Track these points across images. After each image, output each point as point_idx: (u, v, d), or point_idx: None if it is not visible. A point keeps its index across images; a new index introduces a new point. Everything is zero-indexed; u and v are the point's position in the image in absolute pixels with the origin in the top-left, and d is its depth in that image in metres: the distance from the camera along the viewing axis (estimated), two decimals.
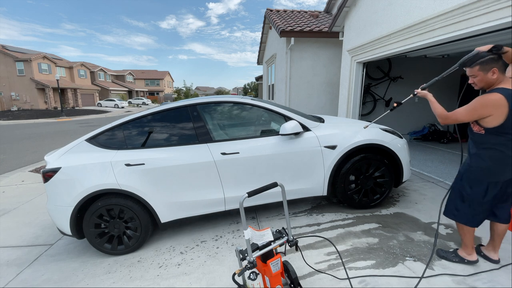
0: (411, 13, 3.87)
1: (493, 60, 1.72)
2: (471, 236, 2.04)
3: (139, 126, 2.64)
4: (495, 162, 1.81)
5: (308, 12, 9.09)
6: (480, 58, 1.74)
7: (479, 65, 1.75)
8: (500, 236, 2.06)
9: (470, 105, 1.79)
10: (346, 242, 2.50)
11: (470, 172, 1.93)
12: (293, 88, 7.76)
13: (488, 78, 1.75)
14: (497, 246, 2.10)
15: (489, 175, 1.85)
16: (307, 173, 2.82)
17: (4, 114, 23.26)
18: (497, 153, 1.79)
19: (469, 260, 2.09)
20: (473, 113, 1.78)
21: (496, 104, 1.68)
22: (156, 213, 2.52)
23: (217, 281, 2.09)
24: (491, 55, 1.71)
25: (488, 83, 1.78)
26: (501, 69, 1.73)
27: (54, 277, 2.27)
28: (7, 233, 3.05)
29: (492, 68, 1.72)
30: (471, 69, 1.80)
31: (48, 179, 2.41)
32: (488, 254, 2.13)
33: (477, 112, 1.76)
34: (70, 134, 11.48)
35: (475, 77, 1.80)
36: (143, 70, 54.10)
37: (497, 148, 1.78)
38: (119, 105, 31.82)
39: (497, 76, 1.73)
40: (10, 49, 29.23)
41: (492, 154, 1.81)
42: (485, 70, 1.74)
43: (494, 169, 1.82)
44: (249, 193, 1.52)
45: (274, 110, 2.87)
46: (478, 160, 1.88)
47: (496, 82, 1.75)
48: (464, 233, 2.05)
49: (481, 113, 1.75)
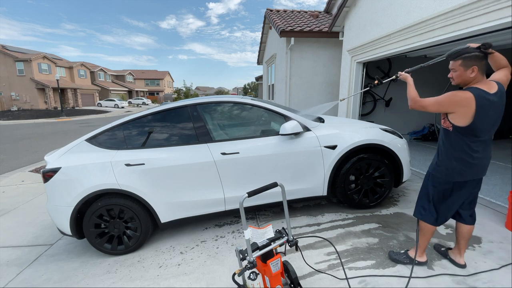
0: (411, 13, 3.87)
1: (476, 57, 1.68)
2: (429, 238, 2.02)
3: (139, 126, 2.64)
4: (459, 163, 1.79)
5: (308, 12, 9.09)
6: (465, 53, 1.71)
7: (461, 59, 1.72)
8: (465, 239, 2.03)
9: (439, 97, 1.76)
10: (346, 242, 2.50)
11: (436, 171, 1.92)
12: (293, 88, 7.75)
13: (466, 75, 1.72)
14: (462, 249, 2.07)
15: (453, 176, 1.83)
16: (307, 173, 2.82)
17: (4, 114, 23.25)
18: (462, 153, 1.78)
19: (419, 261, 2.08)
20: (440, 105, 1.76)
21: (462, 102, 1.66)
22: (156, 213, 2.52)
23: (217, 281, 2.09)
24: (477, 52, 1.68)
25: (465, 80, 1.75)
26: (481, 69, 1.69)
27: (54, 277, 2.27)
28: (7, 233, 3.05)
29: (472, 66, 1.68)
30: (453, 62, 1.77)
31: (48, 179, 2.41)
32: (454, 258, 2.11)
33: (443, 105, 1.75)
34: (70, 134, 11.48)
35: (455, 72, 1.77)
36: (143, 70, 54.10)
37: (462, 148, 1.77)
38: (119, 105, 31.82)
39: (475, 75, 1.69)
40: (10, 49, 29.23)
41: (457, 154, 1.79)
42: (466, 66, 1.70)
43: (458, 170, 1.81)
44: (249, 193, 1.52)
45: (274, 110, 2.86)
46: (444, 160, 1.87)
47: (473, 81, 1.72)
48: (424, 233, 2.01)
49: (447, 107, 1.74)
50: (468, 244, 2.08)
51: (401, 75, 2.13)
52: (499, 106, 1.69)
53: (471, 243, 2.40)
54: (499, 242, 2.39)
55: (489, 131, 1.73)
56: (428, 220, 1.98)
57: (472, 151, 1.75)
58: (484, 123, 1.68)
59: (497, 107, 1.68)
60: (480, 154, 1.76)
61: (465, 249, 2.08)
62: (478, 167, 1.80)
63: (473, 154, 1.75)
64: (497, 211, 2.96)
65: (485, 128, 1.70)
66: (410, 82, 2.00)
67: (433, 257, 2.22)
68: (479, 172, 1.84)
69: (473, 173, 1.82)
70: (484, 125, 1.69)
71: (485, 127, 1.70)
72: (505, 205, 3.06)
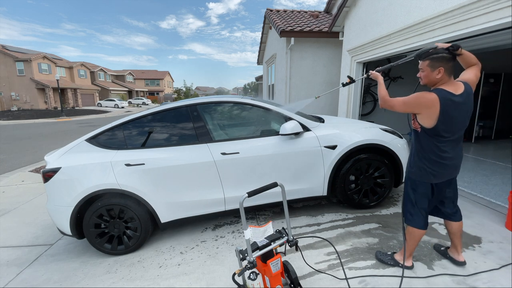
0: (411, 13, 3.87)
1: (443, 58, 1.68)
2: (415, 242, 1.99)
3: (139, 126, 2.64)
4: (430, 163, 1.80)
5: (308, 12, 9.09)
6: (433, 54, 1.72)
7: (429, 60, 1.73)
8: (457, 235, 2.04)
9: (407, 97, 1.77)
10: (346, 242, 2.50)
11: (411, 174, 1.93)
12: (293, 88, 7.75)
13: (433, 76, 1.73)
14: (458, 246, 2.07)
15: (427, 177, 1.84)
16: (307, 173, 2.82)
17: (4, 114, 23.25)
18: (431, 154, 1.79)
19: (405, 265, 2.06)
20: (406, 106, 1.77)
21: (427, 104, 1.67)
22: (156, 213, 2.52)
23: (217, 281, 2.09)
24: (445, 53, 1.69)
25: (432, 81, 1.76)
26: (448, 71, 1.70)
27: (54, 277, 2.27)
28: (7, 233, 3.05)
29: (439, 67, 1.69)
30: (422, 62, 1.79)
31: (48, 179, 2.41)
32: (453, 256, 2.11)
33: (410, 106, 1.76)
34: (70, 134, 11.48)
35: (423, 72, 1.78)
36: (143, 70, 54.10)
37: (431, 149, 1.78)
38: (119, 105, 31.82)
39: (441, 76, 1.70)
40: (10, 49, 29.23)
41: (427, 155, 1.81)
42: (433, 67, 1.72)
43: (430, 171, 1.81)
44: (249, 193, 1.52)
45: (274, 110, 2.86)
46: (416, 161, 1.87)
47: (439, 82, 1.73)
48: (412, 237, 1.97)
49: (413, 108, 1.75)
50: (462, 240, 2.08)
51: (372, 73, 2.13)
52: (465, 107, 1.70)
53: (471, 243, 2.40)
54: (499, 242, 2.39)
55: (456, 131, 1.74)
56: (417, 225, 1.95)
57: (441, 151, 1.76)
58: (449, 124, 1.69)
59: (462, 108, 1.68)
60: (450, 154, 1.77)
61: (460, 246, 2.08)
62: (450, 167, 1.81)
63: (442, 154, 1.76)
64: (497, 211, 2.96)
65: (451, 129, 1.72)
66: (380, 81, 2.02)
67: (433, 257, 2.22)
68: (452, 172, 1.85)
69: (446, 174, 1.83)
70: (449, 126, 1.70)
71: (451, 128, 1.71)
72: (505, 205, 3.06)
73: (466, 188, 3.65)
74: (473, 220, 2.79)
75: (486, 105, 6.67)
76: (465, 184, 3.81)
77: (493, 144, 6.46)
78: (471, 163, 4.89)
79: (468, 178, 4.04)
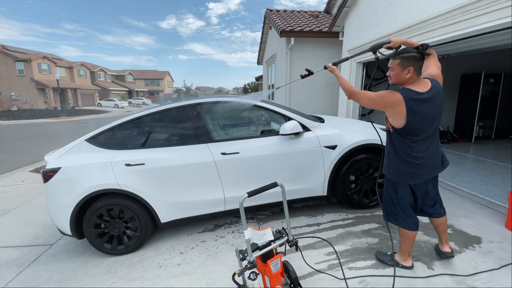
0: (411, 13, 3.87)
1: (414, 58, 1.69)
2: (410, 243, 1.99)
3: (139, 126, 2.64)
4: (404, 164, 1.79)
5: (308, 12, 9.09)
6: (404, 53, 1.71)
7: (400, 59, 1.72)
8: (440, 229, 2.05)
9: (375, 93, 1.77)
10: (346, 242, 2.50)
11: (389, 174, 1.93)
12: (293, 88, 7.76)
13: (402, 75, 1.73)
14: (443, 237, 2.08)
15: (404, 178, 1.83)
16: (307, 173, 2.82)
17: (4, 114, 23.26)
18: (404, 155, 1.78)
19: (403, 265, 2.07)
20: (371, 101, 1.77)
21: (392, 103, 1.67)
22: (156, 213, 2.52)
23: (217, 281, 2.09)
24: (415, 52, 1.70)
25: (401, 80, 1.76)
26: (417, 70, 1.70)
27: (54, 277, 2.27)
28: (7, 233, 3.05)
29: (408, 67, 1.70)
30: (392, 61, 1.77)
31: (48, 179, 2.41)
32: (442, 249, 2.12)
33: (375, 102, 1.75)
34: (70, 134, 11.48)
35: (393, 71, 1.78)
36: (143, 70, 54.13)
37: (404, 149, 1.78)
38: (119, 105, 31.84)
39: (410, 76, 1.71)
40: (10, 49, 29.24)
41: (400, 156, 1.80)
42: (403, 66, 1.71)
43: (407, 172, 1.80)
44: (249, 193, 1.52)
45: (274, 110, 2.86)
46: (391, 162, 1.87)
47: (408, 81, 1.74)
48: (404, 239, 1.98)
49: (378, 105, 1.75)
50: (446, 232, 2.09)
51: (329, 66, 2.11)
52: (434, 104, 1.69)
53: (471, 243, 2.40)
54: (499, 242, 2.39)
55: (428, 129, 1.73)
56: (404, 226, 1.95)
57: (413, 151, 1.76)
58: (418, 122, 1.69)
59: (430, 105, 1.68)
60: (423, 154, 1.76)
61: (445, 237, 2.09)
62: (425, 167, 1.79)
63: (415, 154, 1.76)
64: (497, 211, 2.96)
65: (421, 128, 1.71)
66: (338, 74, 2.02)
67: (433, 257, 2.22)
68: (429, 172, 1.83)
69: (423, 174, 1.81)
70: (419, 124, 1.69)
71: (421, 127, 1.71)
72: (505, 205, 3.06)
73: (466, 188, 3.65)
74: (473, 220, 2.79)
75: (486, 105, 6.66)
76: (465, 184, 3.81)
77: (493, 144, 6.45)
78: (471, 163, 4.89)
79: (468, 178, 4.04)
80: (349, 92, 1.89)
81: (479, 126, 6.81)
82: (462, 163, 4.88)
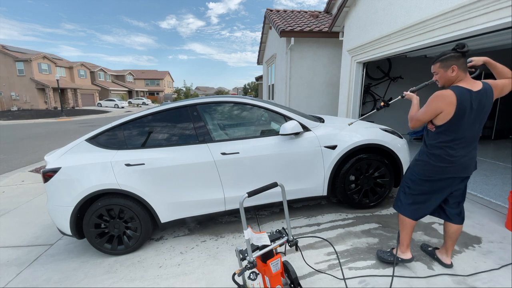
0: (411, 13, 3.87)
1: (453, 57, 1.71)
2: (408, 233, 2.03)
3: (139, 126, 2.64)
4: (437, 159, 1.81)
5: (308, 12, 9.09)
6: (441, 56, 1.76)
7: (439, 62, 1.76)
8: (452, 239, 2.02)
9: (426, 103, 1.78)
10: (346, 242, 2.50)
11: (415, 166, 1.96)
12: (293, 88, 7.76)
13: (448, 75, 1.75)
14: (449, 249, 2.07)
15: (430, 171, 1.85)
16: (307, 173, 2.82)
17: (4, 114, 23.26)
18: (439, 151, 1.80)
19: (402, 258, 2.07)
20: (427, 109, 1.76)
21: (445, 100, 1.67)
22: (156, 213, 2.52)
23: (217, 281, 2.09)
24: (452, 52, 1.72)
25: (448, 80, 1.77)
26: (461, 67, 1.72)
27: (54, 277, 2.27)
28: (7, 233, 3.05)
29: (451, 66, 1.72)
30: (433, 66, 1.82)
31: (48, 179, 2.41)
32: (441, 258, 2.11)
33: (430, 108, 1.74)
34: (70, 134, 11.48)
35: (437, 74, 1.81)
36: (143, 70, 54.11)
37: (440, 147, 1.79)
38: (119, 105, 31.81)
39: (456, 73, 1.72)
40: (10, 49, 29.24)
41: (435, 151, 1.82)
42: (445, 67, 1.74)
43: (435, 167, 1.82)
44: (249, 193, 1.52)
45: (274, 110, 2.86)
46: (423, 156, 1.89)
47: (456, 80, 1.75)
48: (403, 227, 2.03)
49: (433, 108, 1.73)
50: (455, 245, 2.07)
51: (407, 95, 2.11)
52: (481, 104, 1.70)
53: (471, 243, 2.40)
54: (499, 242, 2.39)
55: (470, 128, 1.73)
56: (404, 212, 2.00)
57: (451, 149, 1.77)
58: (462, 120, 1.69)
59: (477, 104, 1.69)
60: (459, 153, 1.77)
61: (452, 249, 2.07)
62: (458, 166, 1.80)
63: (451, 152, 1.77)
64: (497, 211, 2.96)
65: (464, 126, 1.71)
66: (415, 102, 1.98)
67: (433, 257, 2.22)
68: (460, 171, 1.82)
69: (453, 171, 1.81)
70: (462, 122, 1.70)
71: (464, 124, 1.71)
72: (505, 205, 3.07)
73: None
74: (473, 220, 2.79)
75: None
76: None
77: (493, 144, 6.46)
78: None
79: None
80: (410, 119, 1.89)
81: None
82: None
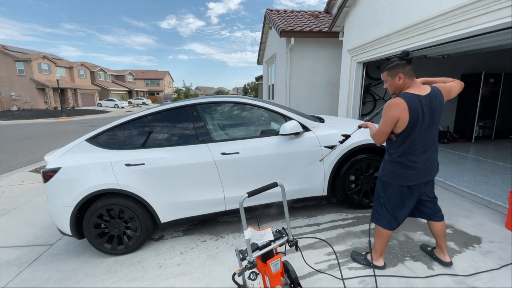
0: (411, 13, 3.87)
1: (399, 65, 1.74)
2: (383, 243, 2.02)
3: (139, 126, 2.64)
4: (402, 167, 1.82)
5: (308, 12, 9.09)
6: (388, 64, 1.79)
7: (386, 71, 1.80)
8: (440, 236, 2.04)
9: (382, 116, 1.79)
10: (346, 242, 2.50)
11: (383, 176, 1.96)
12: (293, 88, 7.76)
13: (395, 83, 1.78)
14: (443, 247, 2.08)
15: (398, 179, 1.85)
16: (307, 173, 2.82)
17: (4, 114, 23.26)
18: (402, 158, 1.81)
19: (375, 264, 2.08)
20: (385, 120, 1.75)
21: (398, 107, 1.68)
22: (156, 213, 2.52)
23: (217, 281, 2.09)
24: (398, 60, 1.75)
25: (397, 88, 1.80)
26: (407, 75, 1.74)
27: (54, 277, 2.27)
28: (7, 233, 3.05)
29: (398, 74, 1.75)
30: (382, 74, 1.86)
31: (48, 179, 2.41)
32: (439, 257, 2.12)
33: (387, 117, 1.73)
34: (70, 134, 11.48)
35: (386, 82, 1.84)
36: (143, 70, 54.12)
37: (402, 154, 1.80)
38: (119, 105, 31.81)
39: (403, 81, 1.75)
40: (10, 49, 29.24)
41: (398, 159, 1.82)
42: (392, 75, 1.78)
43: (401, 174, 1.83)
44: (249, 193, 1.52)
45: (274, 110, 2.86)
46: (388, 165, 1.90)
47: (404, 87, 1.78)
48: (379, 237, 2.02)
49: (390, 117, 1.72)
50: (446, 241, 2.08)
51: (362, 125, 2.17)
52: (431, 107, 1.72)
53: (471, 243, 2.40)
54: (499, 242, 2.39)
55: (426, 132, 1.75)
56: (383, 224, 1.98)
57: (411, 155, 1.78)
58: (417, 125, 1.71)
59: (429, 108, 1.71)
60: (421, 158, 1.79)
61: (445, 246, 2.09)
62: (422, 171, 1.82)
63: (412, 158, 1.79)
64: (497, 211, 2.96)
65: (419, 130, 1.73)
66: (372, 127, 2.01)
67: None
68: (425, 176, 1.84)
69: (418, 177, 1.83)
70: (417, 126, 1.71)
71: (420, 129, 1.73)
72: (505, 205, 3.07)
73: (466, 188, 3.65)
74: (473, 220, 2.79)
75: (486, 105, 6.67)
76: (465, 184, 3.81)
77: (493, 144, 6.46)
78: (471, 163, 4.89)
79: (468, 178, 4.04)
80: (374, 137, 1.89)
81: (479, 126, 6.81)
82: (462, 163, 4.89)
